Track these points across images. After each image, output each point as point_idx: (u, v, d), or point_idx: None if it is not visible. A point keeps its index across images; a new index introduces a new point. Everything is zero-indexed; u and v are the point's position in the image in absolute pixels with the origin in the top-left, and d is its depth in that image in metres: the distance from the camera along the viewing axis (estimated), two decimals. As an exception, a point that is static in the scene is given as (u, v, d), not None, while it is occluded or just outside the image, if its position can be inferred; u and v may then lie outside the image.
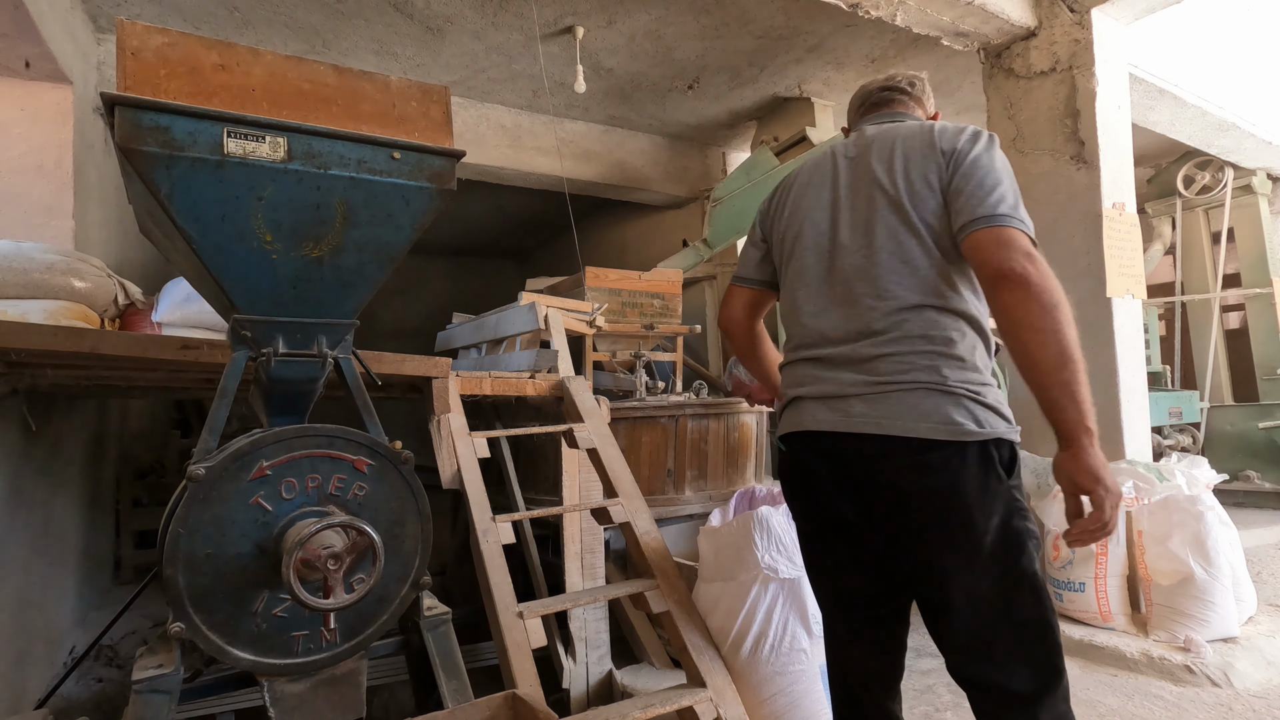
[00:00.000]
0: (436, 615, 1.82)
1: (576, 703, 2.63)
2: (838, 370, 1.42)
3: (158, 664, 1.51)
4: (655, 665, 2.78)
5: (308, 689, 1.58)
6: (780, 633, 2.22)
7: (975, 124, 1.49)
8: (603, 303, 3.99)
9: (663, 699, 2.05)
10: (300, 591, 1.41)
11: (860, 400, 1.37)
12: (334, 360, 1.66)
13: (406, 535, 1.70)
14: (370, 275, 1.63)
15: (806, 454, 1.48)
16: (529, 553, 2.97)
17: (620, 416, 3.31)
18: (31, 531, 2.56)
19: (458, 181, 1.68)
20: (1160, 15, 3.50)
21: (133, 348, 1.95)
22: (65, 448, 3.00)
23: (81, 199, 3.30)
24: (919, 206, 1.38)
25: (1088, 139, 3.25)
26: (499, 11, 3.80)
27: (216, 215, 1.42)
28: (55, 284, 2.29)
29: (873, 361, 1.37)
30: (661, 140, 5.73)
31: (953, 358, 1.34)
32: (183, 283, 2.55)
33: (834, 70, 4.64)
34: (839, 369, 1.42)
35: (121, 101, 1.31)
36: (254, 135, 1.42)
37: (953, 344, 1.34)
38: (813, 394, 1.46)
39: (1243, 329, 6.53)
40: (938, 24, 3.38)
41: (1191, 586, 2.76)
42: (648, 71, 4.58)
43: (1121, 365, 3.22)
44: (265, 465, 1.53)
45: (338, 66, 1.55)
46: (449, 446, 2.47)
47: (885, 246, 1.40)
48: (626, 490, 2.54)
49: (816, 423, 1.43)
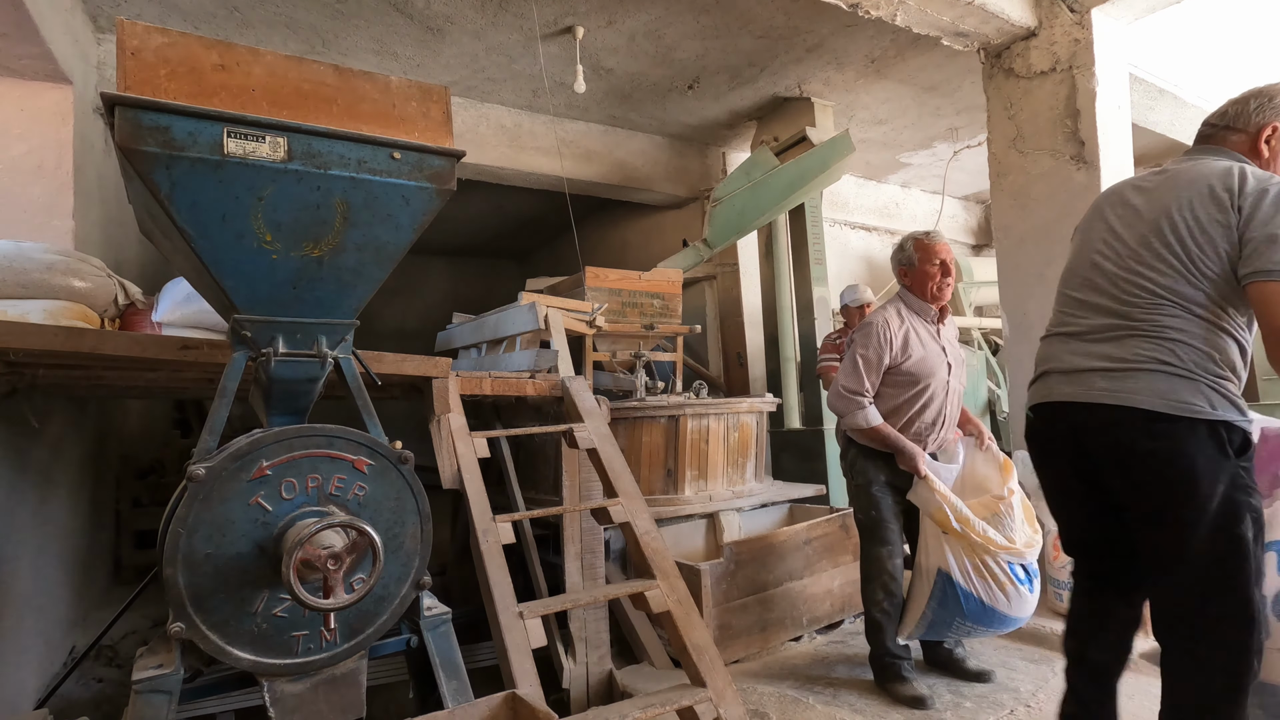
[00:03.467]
0: (436, 615, 1.82)
1: (576, 703, 2.63)
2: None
3: (158, 664, 1.51)
4: (655, 665, 2.78)
5: (308, 689, 1.58)
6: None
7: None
8: (603, 303, 3.99)
9: (663, 699, 2.04)
10: (300, 591, 1.41)
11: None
12: (334, 360, 1.66)
13: (406, 535, 1.70)
14: (370, 275, 1.63)
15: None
16: (529, 553, 2.97)
17: (620, 416, 3.32)
18: (31, 531, 2.56)
19: (458, 181, 1.68)
20: (1160, 15, 3.49)
21: (133, 348, 1.95)
22: (65, 448, 3.00)
23: (81, 199, 3.30)
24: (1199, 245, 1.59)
25: (1088, 139, 3.25)
26: (499, 11, 3.80)
27: (216, 215, 1.42)
28: (55, 284, 2.29)
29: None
30: (661, 140, 5.73)
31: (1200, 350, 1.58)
32: (183, 283, 2.55)
33: (834, 70, 4.65)
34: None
35: (121, 101, 1.31)
36: (254, 135, 1.42)
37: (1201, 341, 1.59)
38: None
39: (1243, 329, 6.52)
40: (938, 24, 3.38)
41: (1193, 586, 2.77)
42: (648, 71, 4.58)
43: (1121, 365, 3.21)
44: (265, 465, 1.53)
45: (338, 66, 1.55)
46: (449, 446, 2.47)
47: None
48: (626, 490, 2.54)
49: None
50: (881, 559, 2.60)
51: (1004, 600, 2.43)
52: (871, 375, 2.59)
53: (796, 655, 2.98)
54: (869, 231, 7.12)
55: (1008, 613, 2.46)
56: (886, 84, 4.88)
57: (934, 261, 2.61)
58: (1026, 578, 2.47)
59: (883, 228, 7.15)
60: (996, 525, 2.45)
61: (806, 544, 3.23)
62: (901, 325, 2.61)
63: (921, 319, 2.66)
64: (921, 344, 2.60)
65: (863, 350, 2.60)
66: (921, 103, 5.19)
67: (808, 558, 3.22)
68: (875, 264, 7.10)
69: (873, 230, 7.14)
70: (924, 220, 7.19)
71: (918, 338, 2.60)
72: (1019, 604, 2.46)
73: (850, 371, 2.62)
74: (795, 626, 3.13)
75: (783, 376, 5.10)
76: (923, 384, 2.58)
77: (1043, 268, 3.33)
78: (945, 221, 7.18)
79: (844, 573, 3.35)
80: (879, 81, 4.84)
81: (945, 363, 2.63)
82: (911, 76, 4.77)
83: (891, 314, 2.64)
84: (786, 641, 3.09)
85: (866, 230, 7.09)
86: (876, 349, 2.58)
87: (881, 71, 4.69)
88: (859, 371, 2.59)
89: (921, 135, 5.83)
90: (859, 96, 5.06)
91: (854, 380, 2.60)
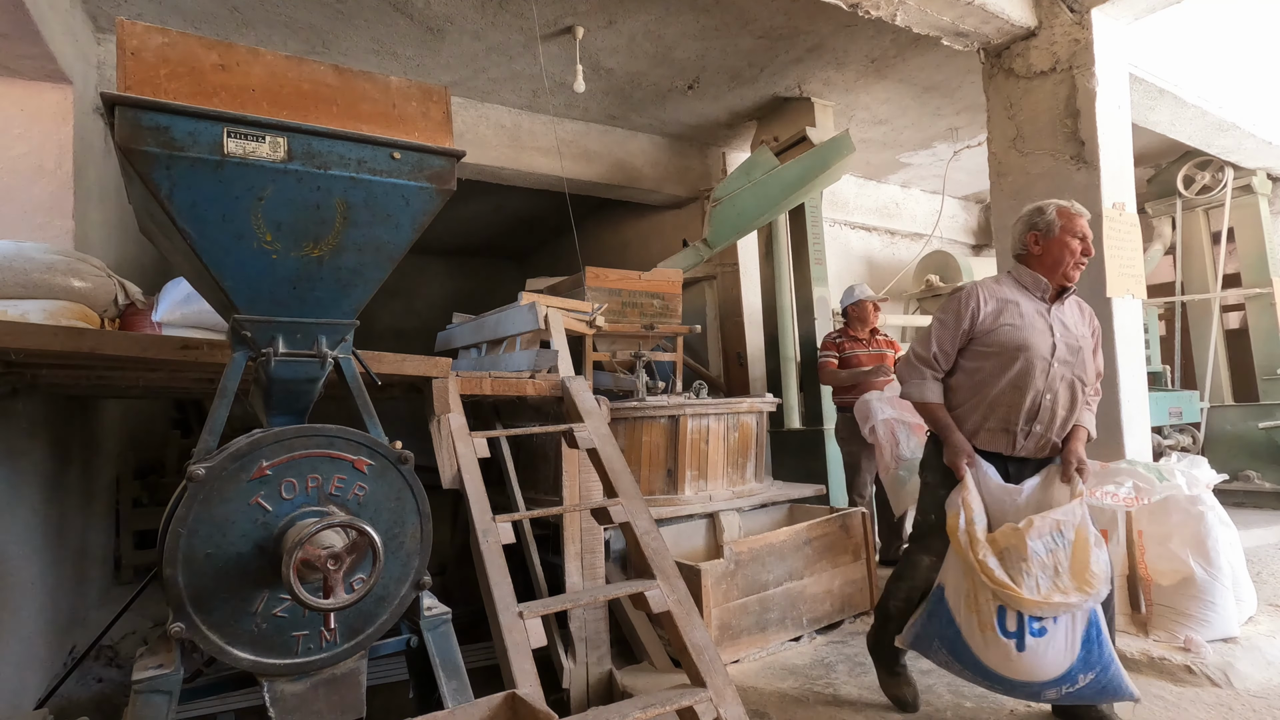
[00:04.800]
0: (436, 615, 1.82)
1: (576, 703, 2.63)
2: None
3: (158, 664, 1.51)
4: (655, 665, 2.78)
5: (308, 689, 1.58)
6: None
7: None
8: (603, 303, 3.99)
9: (663, 699, 2.04)
10: (300, 591, 1.41)
11: None
12: (334, 360, 1.66)
13: (406, 535, 1.70)
14: (370, 275, 1.63)
15: None
16: (529, 553, 2.97)
17: (620, 416, 3.32)
18: (31, 531, 2.56)
19: (458, 181, 1.68)
20: (1160, 15, 3.50)
21: (133, 348, 1.95)
22: (65, 448, 3.00)
23: (81, 199, 3.30)
24: None
25: (1088, 139, 3.25)
26: (499, 11, 3.80)
27: (216, 215, 1.42)
28: (55, 284, 2.29)
29: None
30: (661, 140, 5.73)
31: None
32: (183, 283, 2.55)
33: (834, 70, 4.65)
34: None
35: (121, 101, 1.31)
36: (254, 135, 1.42)
37: None
38: None
39: (1243, 329, 6.53)
40: (938, 24, 3.38)
41: (1191, 587, 2.75)
42: (648, 71, 4.58)
43: (1121, 365, 3.22)
44: (265, 465, 1.53)
45: (338, 66, 1.55)
46: (449, 446, 2.47)
47: None
48: (626, 490, 2.54)
49: None
50: (920, 567, 2.35)
51: (979, 642, 2.08)
52: (945, 342, 2.27)
53: (796, 655, 2.98)
54: (869, 231, 7.12)
55: (981, 658, 2.08)
56: (886, 84, 4.88)
57: (1077, 234, 2.24)
58: (1016, 632, 2.03)
59: (883, 228, 7.15)
60: (1007, 559, 2.05)
61: (806, 544, 3.23)
62: (1000, 294, 2.28)
63: (1030, 294, 2.29)
64: (1021, 316, 2.23)
65: (941, 314, 2.31)
66: (921, 103, 5.19)
67: (808, 558, 3.22)
68: (875, 264, 7.10)
69: (873, 230, 7.14)
70: (924, 220, 7.19)
71: (1018, 310, 2.24)
72: (997, 657, 2.05)
73: (923, 337, 2.34)
74: (795, 626, 3.13)
75: (783, 376, 5.10)
76: (1015, 360, 2.18)
77: (1043, 268, 3.33)
78: (945, 221, 7.18)
79: (844, 573, 3.35)
80: (879, 81, 4.84)
81: (1051, 343, 2.21)
82: (911, 76, 4.77)
83: (990, 282, 2.33)
84: (786, 641, 3.09)
85: (866, 230, 7.10)
86: (956, 313, 2.26)
87: (881, 71, 4.69)
88: (930, 337, 2.30)
89: (921, 135, 5.84)
90: (859, 96, 5.06)
91: (923, 347, 2.32)
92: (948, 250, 6.97)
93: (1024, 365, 2.18)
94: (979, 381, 2.24)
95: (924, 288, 6.81)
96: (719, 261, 5.76)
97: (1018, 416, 2.21)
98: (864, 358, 4.23)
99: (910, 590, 2.38)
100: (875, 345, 4.31)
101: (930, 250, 6.92)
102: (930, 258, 6.91)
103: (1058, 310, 2.28)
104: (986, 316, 2.22)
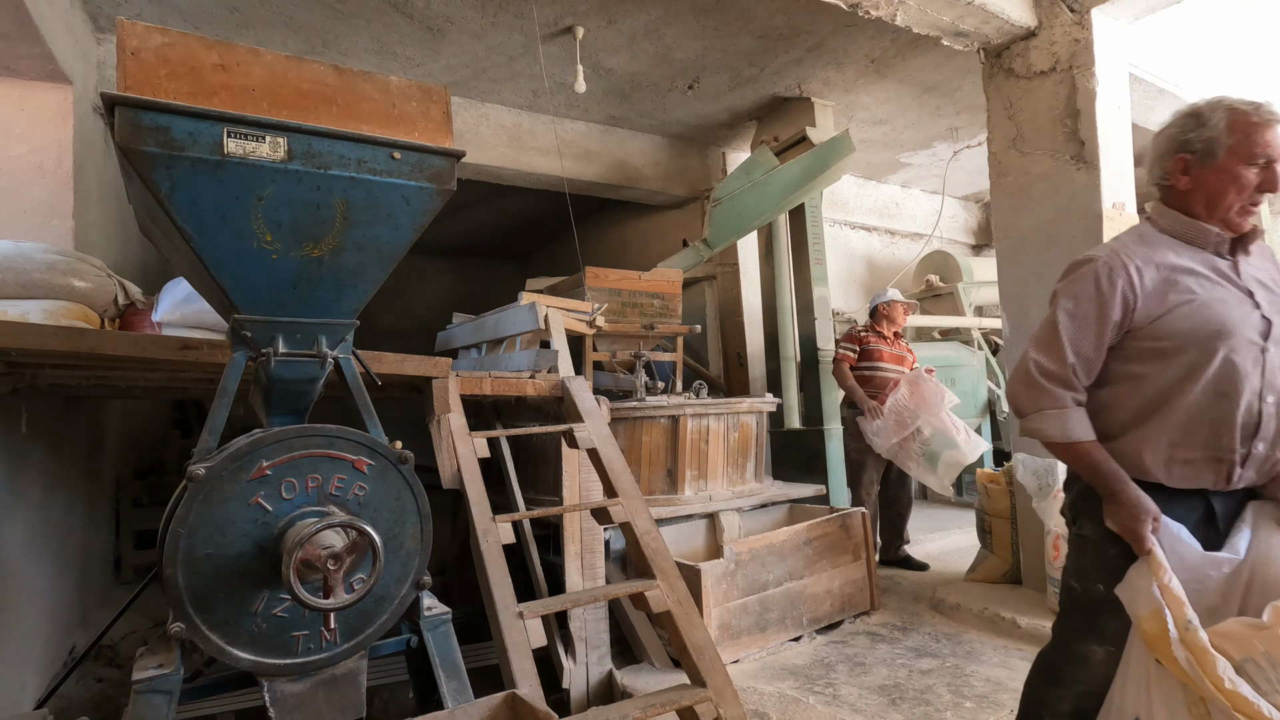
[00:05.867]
0: (436, 615, 1.82)
1: (576, 703, 2.63)
2: None
3: (158, 664, 1.51)
4: (655, 665, 2.78)
5: (308, 689, 1.58)
6: None
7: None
8: (603, 303, 3.99)
9: (663, 699, 2.04)
10: (300, 591, 1.41)
11: None
12: (334, 360, 1.66)
13: (406, 535, 1.70)
14: (370, 275, 1.63)
15: None
16: (529, 553, 2.97)
17: (620, 416, 3.32)
18: (31, 531, 2.56)
19: (458, 181, 1.68)
20: (1160, 15, 3.49)
21: (133, 348, 1.95)
22: (65, 448, 3.00)
23: (81, 199, 3.30)
24: None
25: (1088, 139, 3.25)
26: (499, 11, 3.80)
27: (216, 215, 1.42)
28: (55, 284, 2.29)
29: None
30: (661, 140, 5.73)
31: None
32: (183, 283, 2.55)
33: (834, 70, 4.65)
34: None
35: (121, 101, 1.31)
36: (254, 135, 1.42)
37: None
38: None
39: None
40: (938, 24, 3.38)
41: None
42: (648, 71, 4.58)
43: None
44: (265, 465, 1.53)
45: (338, 66, 1.55)
46: (449, 446, 2.47)
47: None
48: (626, 490, 2.54)
49: None
50: (1092, 663, 1.56)
51: None
52: (1085, 345, 1.51)
53: (796, 655, 2.98)
54: (869, 231, 7.13)
55: None
56: (886, 84, 4.88)
57: (1258, 155, 1.47)
58: None
59: (883, 228, 7.15)
60: (1258, 677, 1.27)
61: (806, 544, 3.23)
62: (1155, 256, 1.52)
63: (1196, 249, 1.54)
64: (1200, 286, 1.48)
65: (1069, 304, 1.53)
66: (921, 103, 5.19)
67: (808, 558, 3.22)
68: (875, 264, 7.10)
69: (873, 230, 7.14)
70: (924, 220, 7.19)
71: (1193, 278, 1.49)
72: None
73: (1047, 342, 1.55)
74: (795, 626, 3.13)
75: (783, 376, 5.10)
76: (1213, 353, 1.44)
77: (1042, 268, 3.33)
78: (945, 221, 7.19)
79: (844, 573, 3.35)
80: (879, 81, 4.84)
81: (1259, 317, 1.47)
82: (911, 76, 4.77)
83: (1131, 242, 1.56)
84: (786, 641, 3.09)
85: (866, 230, 7.10)
86: (1095, 301, 1.50)
87: (881, 71, 4.69)
88: (1059, 341, 1.52)
89: (921, 135, 5.84)
90: (859, 96, 5.06)
91: (1051, 355, 1.53)
92: (948, 250, 6.98)
93: (1225, 364, 1.44)
94: (1155, 394, 1.49)
95: (924, 288, 6.82)
96: (719, 261, 5.76)
97: (1231, 436, 1.45)
98: (885, 354, 4.40)
99: (1080, 699, 1.59)
100: (898, 346, 4.51)
101: (930, 250, 6.93)
102: (930, 258, 6.91)
103: (1246, 265, 1.53)
104: (1148, 296, 1.48)
